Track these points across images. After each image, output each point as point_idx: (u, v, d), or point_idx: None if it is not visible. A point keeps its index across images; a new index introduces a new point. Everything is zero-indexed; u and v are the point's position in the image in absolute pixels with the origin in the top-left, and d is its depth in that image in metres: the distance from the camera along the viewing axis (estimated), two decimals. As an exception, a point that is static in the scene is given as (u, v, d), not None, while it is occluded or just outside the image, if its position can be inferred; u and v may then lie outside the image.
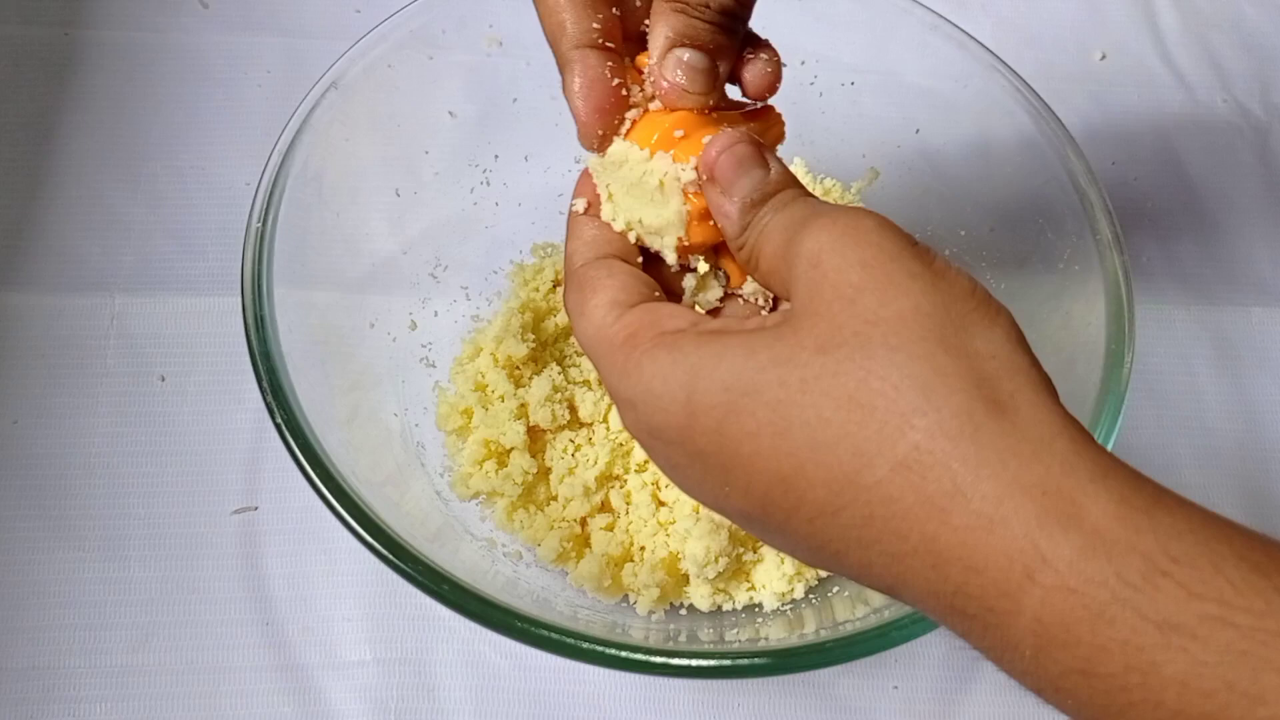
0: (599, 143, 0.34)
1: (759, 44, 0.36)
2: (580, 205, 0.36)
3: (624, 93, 0.34)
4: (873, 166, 0.57)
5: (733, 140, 0.32)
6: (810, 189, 0.58)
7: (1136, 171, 0.68)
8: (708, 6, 0.32)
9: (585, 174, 0.36)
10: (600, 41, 0.33)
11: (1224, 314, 0.64)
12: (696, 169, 0.33)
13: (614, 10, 0.34)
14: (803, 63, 0.56)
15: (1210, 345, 0.63)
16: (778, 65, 0.35)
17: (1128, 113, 0.70)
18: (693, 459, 0.28)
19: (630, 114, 0.34)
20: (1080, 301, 0.47)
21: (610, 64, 0.33)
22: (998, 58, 0.51)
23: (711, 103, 0.34)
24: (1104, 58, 0.71)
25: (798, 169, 0.59)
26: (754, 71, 0.35)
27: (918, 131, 0.56)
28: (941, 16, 0.53)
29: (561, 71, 0.34)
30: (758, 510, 0.27)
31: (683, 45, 0.32)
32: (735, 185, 0.32)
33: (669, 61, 0.33)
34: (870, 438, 0.24)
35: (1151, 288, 0.64)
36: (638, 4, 0.35)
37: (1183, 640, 0.21)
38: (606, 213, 0.35)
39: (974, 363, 0.25)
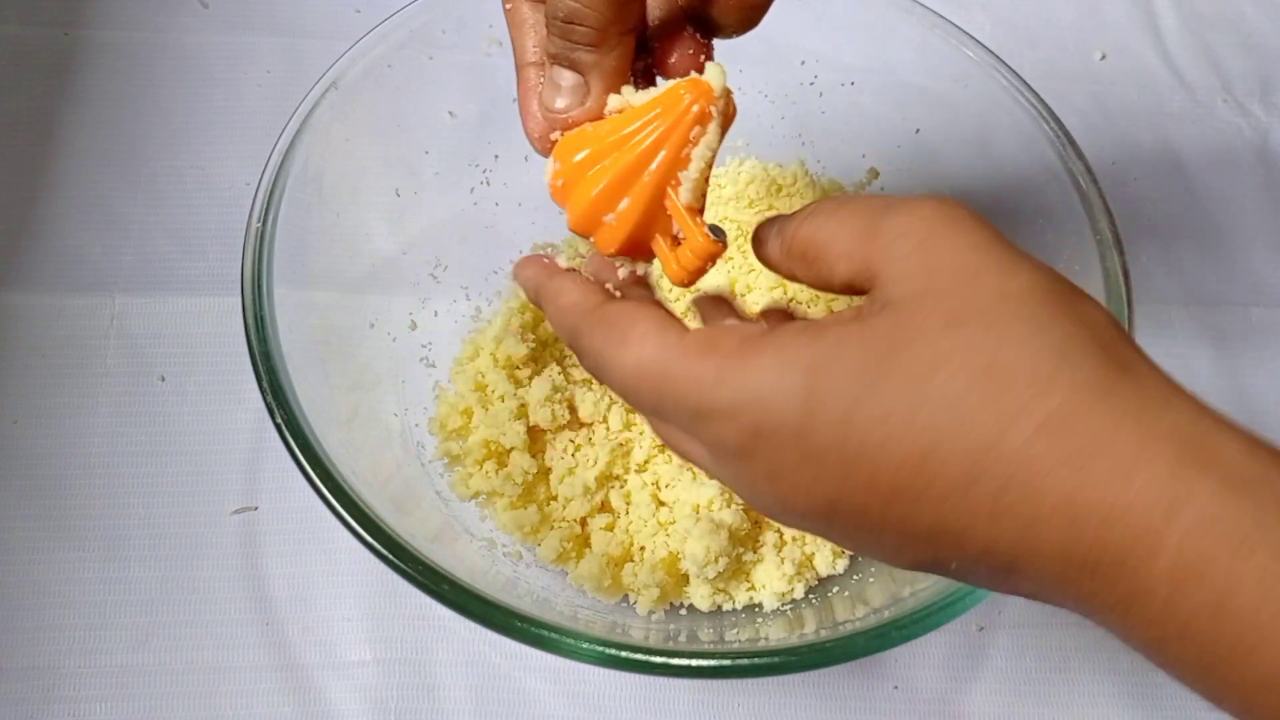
0: (538, 146, 0.37)
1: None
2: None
3: None
4: (873, 166, 0.57)
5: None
6: (810, 189, 0.58)
7: (1136, 171, 0.68)
8: (556, 19, 0.32)
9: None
10: (542, 59, 0.35)
11: (1224, 314, 0.64)
12: None
13: None
14: (803, 63, 0.56)
15: (1210, 345, 0.63)
16: None
17: (1128, 113, 0.70)
18: (805, 460, 0.27)
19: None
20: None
21: None
22: (998, 58, 0.51)
23: (584, 120, 0.35)
24: (1104, 58, 0.71)
25: (798, 169, 0.59)
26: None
27: (918, 131, 0.56)
28: (941, 16, 0.53)
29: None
30: (878, 505, 0.26)
31: (553, 63, 0.34)
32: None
33: (545, 79, 0.35)
34: (1010, 404, 0.24)
35: (1151, 288, 0.64)
36: None
37: None
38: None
39: (1094, 330, 0.26)
